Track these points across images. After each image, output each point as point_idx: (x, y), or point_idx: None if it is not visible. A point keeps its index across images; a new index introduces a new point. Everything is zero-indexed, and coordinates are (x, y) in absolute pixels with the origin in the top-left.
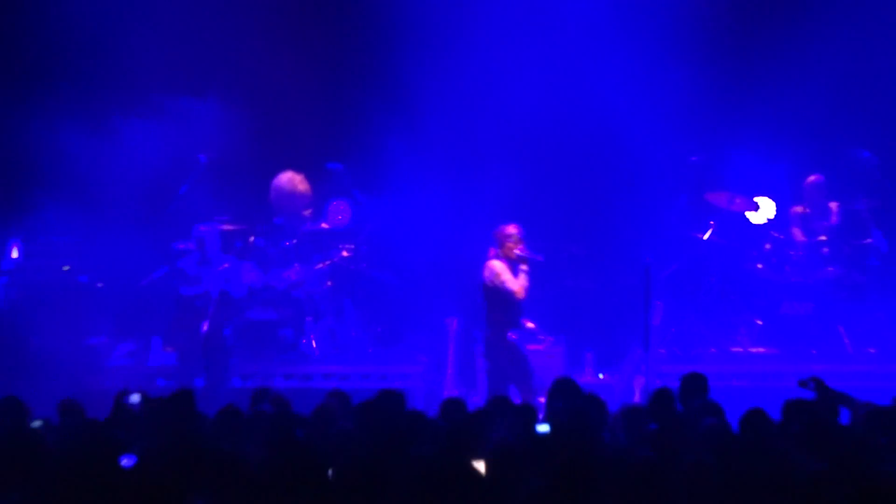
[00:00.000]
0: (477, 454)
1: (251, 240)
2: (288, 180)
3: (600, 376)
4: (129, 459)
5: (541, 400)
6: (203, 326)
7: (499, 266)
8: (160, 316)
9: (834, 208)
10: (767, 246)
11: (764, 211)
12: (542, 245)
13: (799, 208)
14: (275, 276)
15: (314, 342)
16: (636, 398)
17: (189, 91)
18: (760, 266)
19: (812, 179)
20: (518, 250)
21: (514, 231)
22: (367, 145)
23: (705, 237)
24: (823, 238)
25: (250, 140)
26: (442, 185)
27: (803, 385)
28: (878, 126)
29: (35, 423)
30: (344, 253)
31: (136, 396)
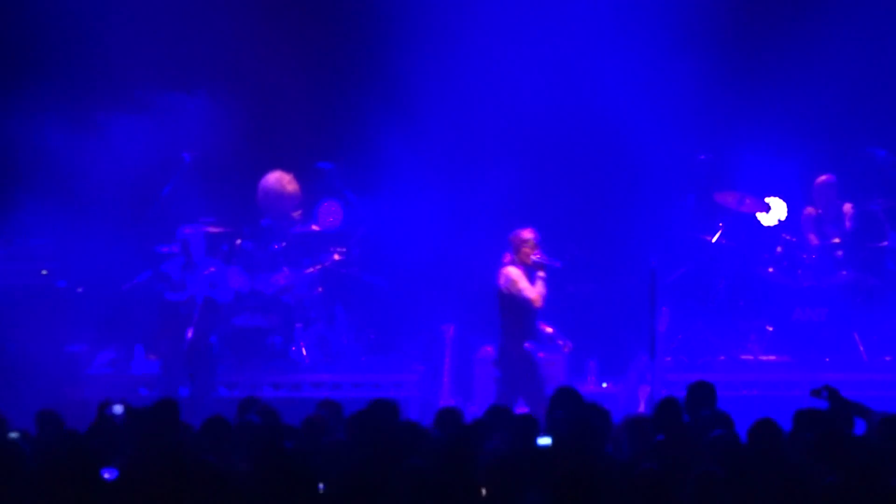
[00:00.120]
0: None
1: (238, 242)
2: (276, 180)
3: (603, 385)
4: (111, 473)
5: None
6: (188, 333)
7: (515, 273)
8: (143, 322)
9: (847, 209)
10: (779, 249)
11: (775, 212)
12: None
13: (810, 209)
14: (263, 281)
15: (304, 350)
16: (641, 408)
17: (174, 86)
18: (771, 270)
19: (823, 179)
20: (535, 256)
21: (531, 236)
22: (359, 143)
23: (714, 239)
24: (837, 240)
25: (237, 137)
26: (438, 186)
27: (816, 394)
28: (892, 122)
29: (12, 435)
30: (335, 256)
31: (119, 407)
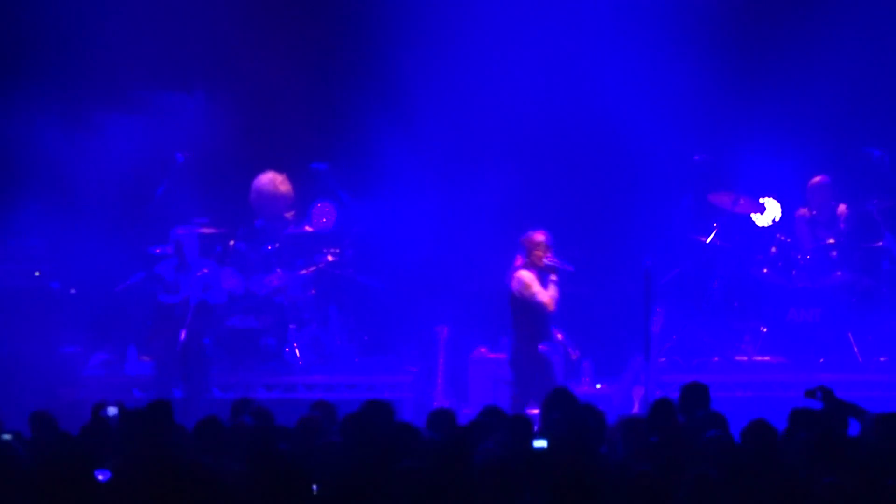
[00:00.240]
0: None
1: (231, 243)
2: (269, 181)
3: (598, 386)
4: (104, 474)
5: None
6: (181, 334)
7: (528, 277)
8: (136, 323)
9: (842, 211)
10: (773, 249)
11: (770, 213)
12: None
13: (804, 211)
14: (256, 282)
15: (297, 351)
16: (635, 409)
17: (169, 85)
18: (766, 270)
19: (817, 180)
20: (547, 259)
21: (543, 239)
22: (353, 143)
23: (708, 240)
24: (832, 241)
25: (231, 138)
26: (433, 186)
27: (810, 395)
28: (891, 123)
29: (5, 437)
30: (329, 257)
31: (114, 409)
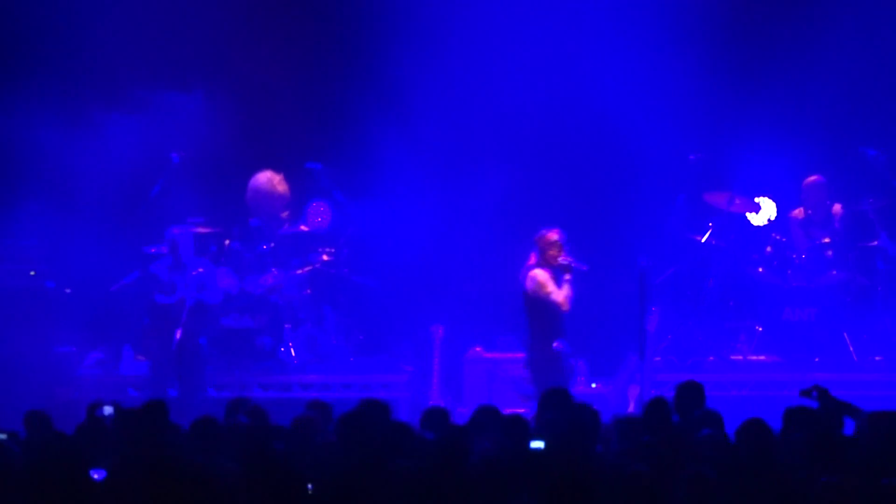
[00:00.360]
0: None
1: (226, 243)
2: (267, 180)
3: (593, 385)
4: (100, 473)
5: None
6: (176, 334)
7: (542, 276)
8: (131, 323)
9: (837, 210)
10: (769, 249)
11: (765, 212)
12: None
13: (798, 211)
14: (251, 282)
15: (293, 350)
16: (630, 408)
17: (166, 85)
18: (761, 270)
19: (812, 180)
20: (561, 258)
21: (557, 238)
22: (349, 143)
23: (703, 239)
24: (827, 240)
25: (225, 137)
26: (428, 185)
27: (805, 394)
28: (886, 122)
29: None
30: (324, 257)
31: (110, 408)
